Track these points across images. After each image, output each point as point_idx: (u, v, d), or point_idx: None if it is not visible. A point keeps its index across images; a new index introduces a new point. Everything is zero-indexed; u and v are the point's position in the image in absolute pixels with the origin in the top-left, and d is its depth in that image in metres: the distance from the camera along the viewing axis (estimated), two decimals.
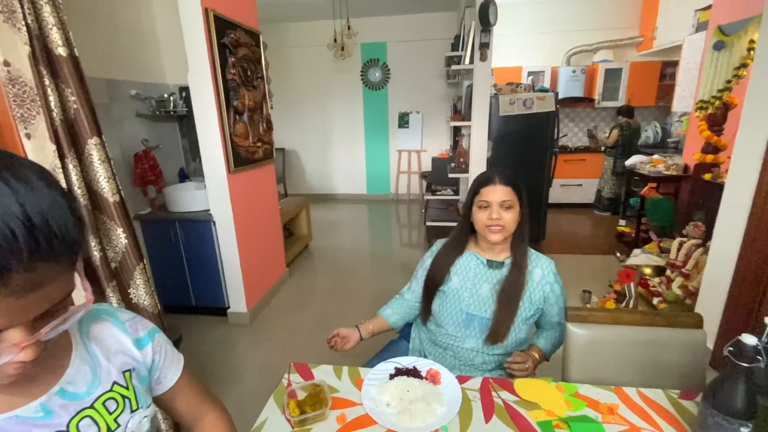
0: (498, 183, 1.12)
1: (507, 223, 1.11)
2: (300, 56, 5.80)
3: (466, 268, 1.19)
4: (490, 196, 1.11)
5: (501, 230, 1.12)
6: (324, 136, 6.16)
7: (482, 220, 1.12)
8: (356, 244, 4.25)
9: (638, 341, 1.08)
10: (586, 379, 1.08)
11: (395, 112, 5.89)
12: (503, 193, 1.11)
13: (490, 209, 1.11)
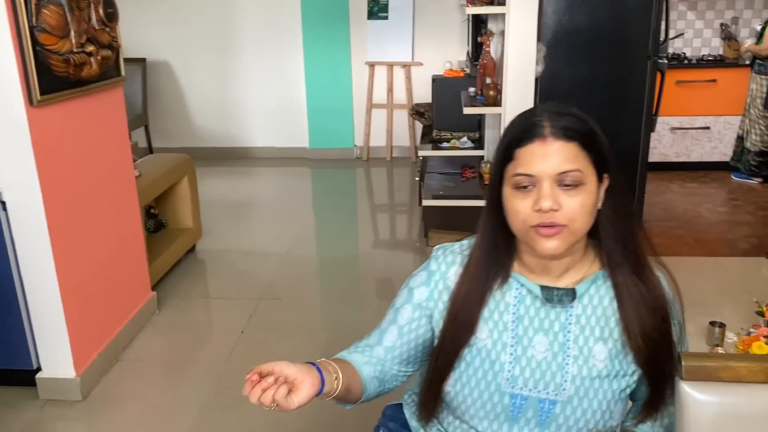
0: (549, 136, 1.05)
1: (572, 217, 1.05)
2: None
3: (502, 307, 1.18)
4: (535, 165, 1.04)
5: (560, 232, 1.05)
6: (226, 39, 6.16)
7: (522, 213, 1.07)
8: (291, 244, 4.28)
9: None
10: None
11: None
12: (561, 157, 1.04)
13: (537, 190, 1.05)
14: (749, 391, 1.09)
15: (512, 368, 1.16)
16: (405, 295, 1.25)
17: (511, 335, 1.17)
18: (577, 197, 1.05)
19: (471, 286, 1.17)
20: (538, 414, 1.15)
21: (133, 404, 2.60)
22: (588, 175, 1.06)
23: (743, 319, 3.06)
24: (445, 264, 1.22)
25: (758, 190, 5.17)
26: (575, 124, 1.06)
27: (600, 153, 1.08)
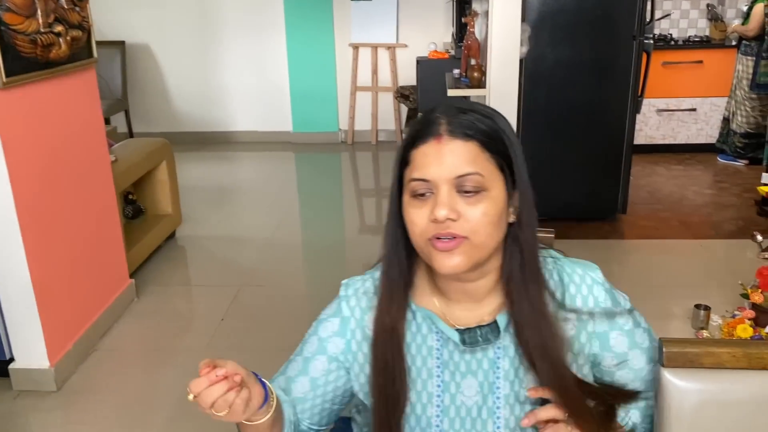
0: (445, 134, 0.93)
1: (473, 228, 0.92)
2: None
3: (425, 351, 1.04)
4: (430, 168, 0.92)
5: (459, 245, 0.92)
6: (207, 21, 6.09)
7: (418, 224, 0.94)
8: (273, 230, 4.23)
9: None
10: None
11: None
12: (459, 158, 0.92)
13: (434, 199, 0.93)
14: (732, 378, 1.06)
15: (440, 422, 1.03)
16: (316, 345, 1.08)
17: (437, 383, 1.04)
18: (478, 205, 0.92)
19: (387, 338, 1.02)
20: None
21: (109, 394, 2.55)
22: (492, 181, 0.93)
23: (728, 301, 3.06)
24: (359, 309, 1.07)
25: (744, 172, 5.17)
26: (477, 122, 0.94)
27: (507, 155, 0.95)
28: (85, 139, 2.82)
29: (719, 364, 1.06)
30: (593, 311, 1.04)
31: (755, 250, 3.66)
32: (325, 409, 1.10)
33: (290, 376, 1.08)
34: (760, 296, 2.77)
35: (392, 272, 1.03)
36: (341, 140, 6.27)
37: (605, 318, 1.04)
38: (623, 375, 1.09)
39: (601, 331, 1.04)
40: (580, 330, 1.03)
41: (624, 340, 1.06)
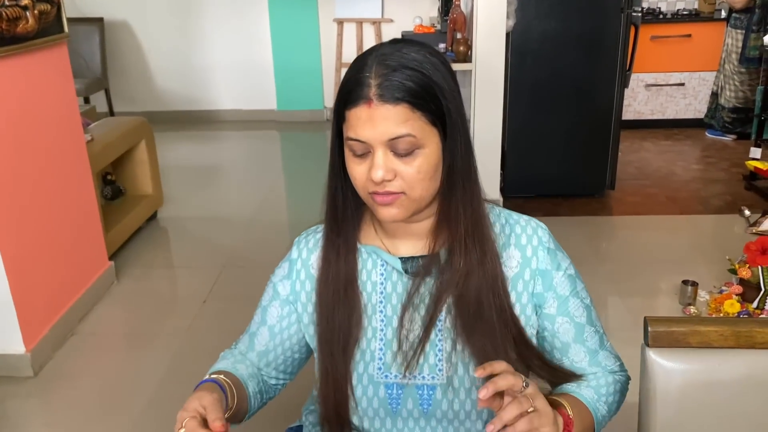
0: (374, 99, 0.91)
1: (409, 185, 0.95)
2: None
3: (369, 287, 1.07)
4: (363, 131, 0.92)
5: (396, 199, 0.96)
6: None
7: (358, 179, 0.97)
8: (257, 210, 4.18)
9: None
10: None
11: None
12: (390, 122, 0.91)
13: (371, 158, 0.94)
14: (720, 357, 1.03)
15: (383, 355, 1.05)
16: (270, 292, 1.14)
17: (380, 318, 1.06)
18: (413, 163, 0.94)
19: (334, 271, 1.05)
20: (419, 403, 1.05)
21: (88, 379, 2.51)
22: (425, 137, 0.93)
23: (716, 277, 3.06)
24: (306, 250, 1.12)
25: (732, 147, 5.16)
26: (408, 80, 0.91)
27: (440, 110, 0.94)
28: (57, 118, 2.75)
29: (706, 343, 1.04)
30: (537, 249, 1.06)
31: (743, 225, 3.68)
32: (287, 358, 1.15)
33: (252, 331, 1.15)
34: (748, 271, 2.76)
35: (339, 217, 1.06)
36: (326, 118, 6.21)
37: (549, 257, 1.07)
38: (564, 329, 1.07)
39: (544, 268, 1.06)
40: (524, 267, 1.05)
41: (566, 283, 1.07)
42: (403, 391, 1.05)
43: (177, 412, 0.93)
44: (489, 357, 0.97)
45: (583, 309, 1.08)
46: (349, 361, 1.06)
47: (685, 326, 1.03)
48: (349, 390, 1.06)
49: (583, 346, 1.08)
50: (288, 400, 1.44)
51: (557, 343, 1.08)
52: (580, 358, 1.08)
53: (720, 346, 1.03)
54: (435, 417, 1.05)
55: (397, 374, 1.05)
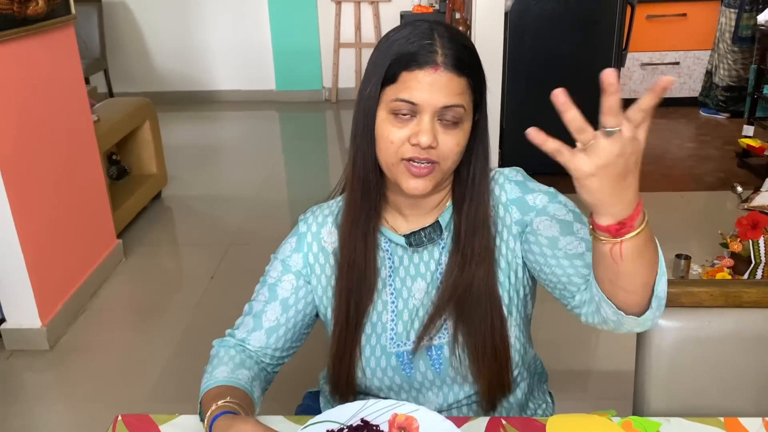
0: (442, 66, 0.93)
1: (446, 156, 0.97)
2: None
3: (378, 263, 1.11)
4: (421, 93, 0.94)
5: (431, 171, 0.98)
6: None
7: (396, 143, 0.97)
8: (259, 189, 4.24)
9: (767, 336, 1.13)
10: (678, 408, 1.10)
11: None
12: (451, 90, 0.94)
13: (416, 122, 0.95)
14: (710, 315, 1.12)
15: (394, 325, 1.10)
16: (279, 268, 1.13)
17: (390, 291, 1.11)
18: (454, 136, 0.97)
19: (355, 241, 1.07)
20: (431, 364, 1.09)
21: (102, 352, 2.59)
22: (466, 115, 0.98)
23: (708, 251, 3.14)
24: (315, 224, 1.13)
25: (725, 125, 5.22)
26: (469, 57, 0.97)
27: (482, 95, 1.00)
28: (66, 99, 2.80)
29: (697, 303, 1.12)
30: (503, 185, 1.08)
31: (735, 201, 3.75)
32: (296, 332, 1.14)
33: (257, 310, 1.12)
34: (739, 245, 2.84)
35: (365, 187, 1.04)
36: (325, 98, 6.24)
37: (517, 187, 1.07)
38: (546, 225, 1.02)
39: (514, 197, 1.06)
40: (497, 206, 1.07)
41: (543, 197, 1.05)
42: (414, 356, 1.09)
43: (190, 384, 0.91)
44: (483, 332, 1.05)
45: (567, 211, 1.03)
46: (360, 333, 1.10)
47: (679, 287, 1.12)
48: (360, 362, 1.10)
49: (575, 237, 1.00)
50: (306, 368, 1.51)
51: (543, 241, 1.01)
52: (574, 245, 0.99)
53: (710, 306, 1.12)
54: (449, 376, 1.10)
55: (407, 341, 1.10)
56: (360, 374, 1.11)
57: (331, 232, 1.12)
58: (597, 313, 0.92)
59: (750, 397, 1.12)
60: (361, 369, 1.11)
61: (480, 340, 1.05)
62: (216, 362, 1.11)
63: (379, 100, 0.98)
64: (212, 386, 1.05)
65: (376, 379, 1.11)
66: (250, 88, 6.24)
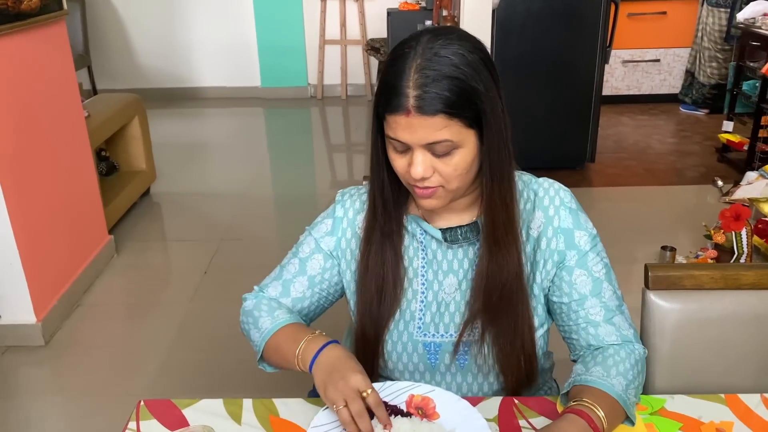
0: (412, 110, 0.94)
1: (447, 180, 1.01)
2: None
3: (411, 252, 1.15)
4: (403, 135, 0.98)
5: (435, 192, 1.03)
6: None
7: (400, 170, 1.04)
8: (248, 185, 4.26)
9: (765, 316, 1.14)
10: (680, 386, 1.14)
11: None
12: (428, 130, 0.96)
13: (411, 154, 1.00)
14: (710, 297, 1.17)
15: (423, 315, 1.14)
16: (312, 245, 1.19)
17: (421, 281, 1.14)
18: (450, 161, 0.99)
19: (383, 243, 1.12)
20: (456, 358, 1.13)
21: (98, 347, 2.59)
22: (462, 139, 0.98)
23: (692, 243, 3.22)
24: (353, 210, 1.18)
25: (705, 121, 5.33)
26: (444, 91, 0.94)
27: (476, 112, 0.97)
28: (58, 94, 2.79)
29: (699, 286, 1.17)
30: (558, 209, 1.11)
31: (716, 194, 3.84)
32: (318, 307, 1.22)
33: (287, 278, 1.19)
34: (722, 236, 2.92)
35: (379, 207, 1.11)
36: (311, 95, 6.24)
37: (571, 216, 1.11)
38: (582, 282, 1.09)
39: (566, 227, 1.10)
40: (546, 226, 1.10)
41: (587, 240, 1.11)
42: (441, 348, 1.14)
43: (188, 377, 0.97)
44: (512, 333, 1.10)
45: (602, 266, 1.11)
46: (384, 334, 1.14)
47: (681, 271, 1.17)
48: (388, 346, 1.14)
49: (600, 301, 1.09)
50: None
51: (575, 295, 1.09)
52: (596, 312, 1.09)
53: (711, 288, 1.17)
54: (471, 372, 1.14)
55: (435, 333, 1.14)
56: (385, 358, 1.16)
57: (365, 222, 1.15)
58: None
59: (749, 374, 1.17)
60: (387, 353, 1.15)
61: (509, 339, 1.10)
62: (266, 308, 1.17)
63: (381, 129, 1.03)
64: (281, 326, 1.12)
65: (400, 363, 1.15)
66: (235, 85, 6.22)
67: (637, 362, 1.06)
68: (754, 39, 4.25)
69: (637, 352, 1.08)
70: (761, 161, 3.88)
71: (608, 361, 1.05)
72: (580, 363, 1.08)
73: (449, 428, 1.01)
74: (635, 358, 1.06)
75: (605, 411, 0.95)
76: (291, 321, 1.13)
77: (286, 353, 1.08)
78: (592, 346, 1.10)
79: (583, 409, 0.94)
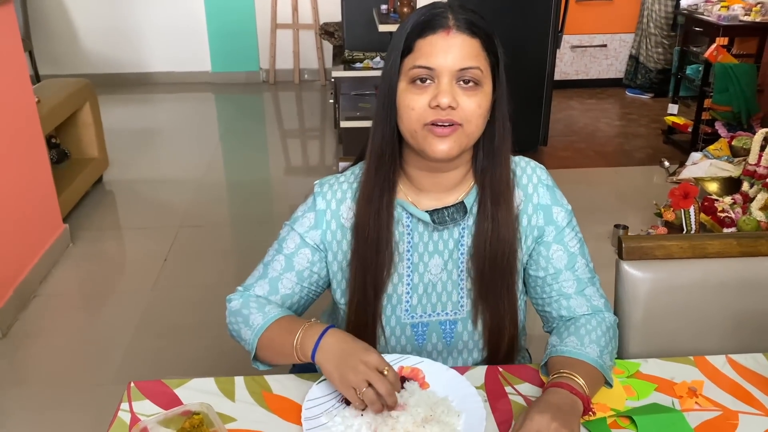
0: (453, 28, 0.99)
1: (468, 117, 1.01)
2: None
3: (396, 237, 1.14)
4: (436, 58, 0.99)
5: (455, 131, 1.01)
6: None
7: (417, 109, 1.01)
8: (203, 171, 4.21)
9: (729, 283, 1.20)
10: (653, 350, 1.20)
11: None
12: (465, 52, 1.00)
13: (435, 86, 1.00)
14: (679, 266, 1.23)
15: (409, 298, 1.16)
16: (296, 240, 1.16)
17: (407, 265, 1.15)
18: (474, 97, 1.01)
19: (369, 217, 1.10)
20: (442, 337, 1.17)
21: (58, 338, 2.54)
22: (485, 77, 1.02)
23: (642, 221, 3.35)
24: (335, 201, 1.15)
25: (650, 104, 5.50)
26: (479, 21, 1.02)
27: (497, 59, 1.04)
28: (7, 79, 2.69)
29: (669, 255, 1.23)
30: (537, 186, 1.15)
31: (663, 175, 3.99)
32: (306, 302, 1.21)
33: (273, 276, 1.17)
34: (672, 214, 3.03)
35: (381, 163, 1.08)
36: (263, 80, 6.16)
37: (548, 193, 1.15)
38: (558, 256, 1.14)
39: (544, 203, 1.14)
40: (527, 203, 1.14)
41: (564, 216, 1.15)
42: (428, 328, 1.17)
43: (155, 364, 0.96)
44: (504, 303, 1.14)
45: (576, 241, 1.15)
46: (382, 294, 1.14)
47: (652, 242, 1.23)
48: (379, 330, 1.16)
49: (573, 274, 1.14)
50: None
51: (550, 269, 1.14)
52: (569, 285, 1.14)
53: (680, 257, 1.23)
54: (456, 348, 1.19)
55: (422, 314, 1.16)
56: (382, 343, 1.18)
57: (351, 208, 1.14)
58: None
59: (715, 337, 1.24)
60: (384, 338, 1.17)
61: (497, 315, 1.14)
62: (255, 305, 1.14)
63: (399, 72, 1.03)
64: (274, 320, 1.09)
65: (389, 347, 1.18)
66: (185, 70, 6.09)
67: (609, 329, 1.12)
68: (697, 24, 4.41)
69: (607, 320, 1.13)
70: (705, 142, 4.03)
71: (581, 330, 1.10)
72: (555, 335, 1.13)
73: (441, 395, 1.04)
74: (606, 326, 1.12)
75: (584, 378, 1.00)
76: (283, 314, 1.11)
77: (282, 346, 1.06)
78: (564, 317, 1.15)
79: (563, 380, 0.99)
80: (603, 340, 1.09)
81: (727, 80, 3.90)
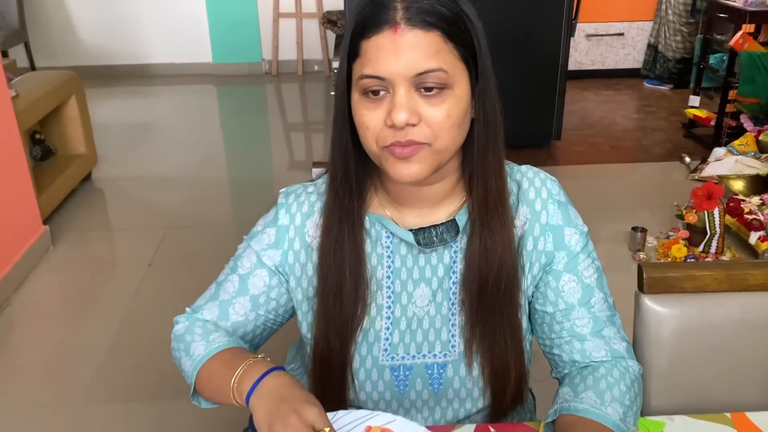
0: (402, 22, 0.79)
1: (435, 133, 0.82)
2: None
3: (374, 260, 0.96)
4: (385, 64, 0.79)
5: (418, 151, 0.82)
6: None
7: (372, 129, 0.83)
8: (198, 168, 4.04)
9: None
10: (681, 405, 1.04)
11: None
12: (420, 52, 0.79)
13: (390, 100, 0.81)
14: (713, 301, 1.03)
15: (389, 335, 0.96)
16: (253, 259, 0.99)
17: (387, 294, 0.96)
18: (441, 106, 0.81)
19: (340, 240, 0.93)
20: (429, 383, 0.97)
21: (31, 349, 2.40)
22: (456, 76, 0.82)
23: (661, 222, 3.15)
24: (300, 215, 0.97)
25: (669, 95, 5.28)
26: (438, 5, 0.80)
27: (472, 45, 0.84)
28: None
29: (700, 288, 1.03)
30: (546, 203, 0.95)
31: (683, 171, 3.79)
32: (266, 329, 1.03)
33: (225, 299, 1.00)
34: (694, 216, 2.83)
35: (343, 184, 0.91)
36: (265, 71, 6.01)
37: (560, 211, 0.96)
38: (570, 288, 0.95)
39: (554, 223, 0.95)
40: (533, 223, 0.95)
41: (578, 239, 0.96)
42: (411, 372, 0.97)
43: (131, 379, 0.83)
44: (505, 338, 0.94)
45: (593, 270, 0.97)
46: (351, 343, 0.95)
47: (680, 271, 1.03)
48: (349, 375, 0.97)
49: (588, 311, 0.95)
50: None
51: (561, 304, 0.95)
52: (583, 323, 0.95)
53: (714, 290, 1.02)
54: (446, 397, 0.98)
55: (405, 355, 0.96)
56: (353, 390, 0.97)
57: (319, 225, 0.95)
58: None
59: (757, 389, 1.06)
60: (357, 383, 0.97)
61: (498, 356, 0.94)
62: (200, 332, 0.97)
63: (350, 80, 0.84)
64: (216, 351, 0.93)
65: (363, 393, 0.97)
66: (184, 61, 5.96)
67: (633, 383, 0.92)
68: (721, 10, 4.17)
69: (632, 371, 0.94)
70: (729, 137, 3.83)
71: (600, 383, 0.90)
72: (567, 386, 0.93)
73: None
74: (630, 379, 0.92)
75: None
76: (229, 345, 0.93)
77: (219, 383, 0.88)
78: (577, 363, 0.95)
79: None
80: (627, 398, 0.90)
81: (754, 70, 3.69)
